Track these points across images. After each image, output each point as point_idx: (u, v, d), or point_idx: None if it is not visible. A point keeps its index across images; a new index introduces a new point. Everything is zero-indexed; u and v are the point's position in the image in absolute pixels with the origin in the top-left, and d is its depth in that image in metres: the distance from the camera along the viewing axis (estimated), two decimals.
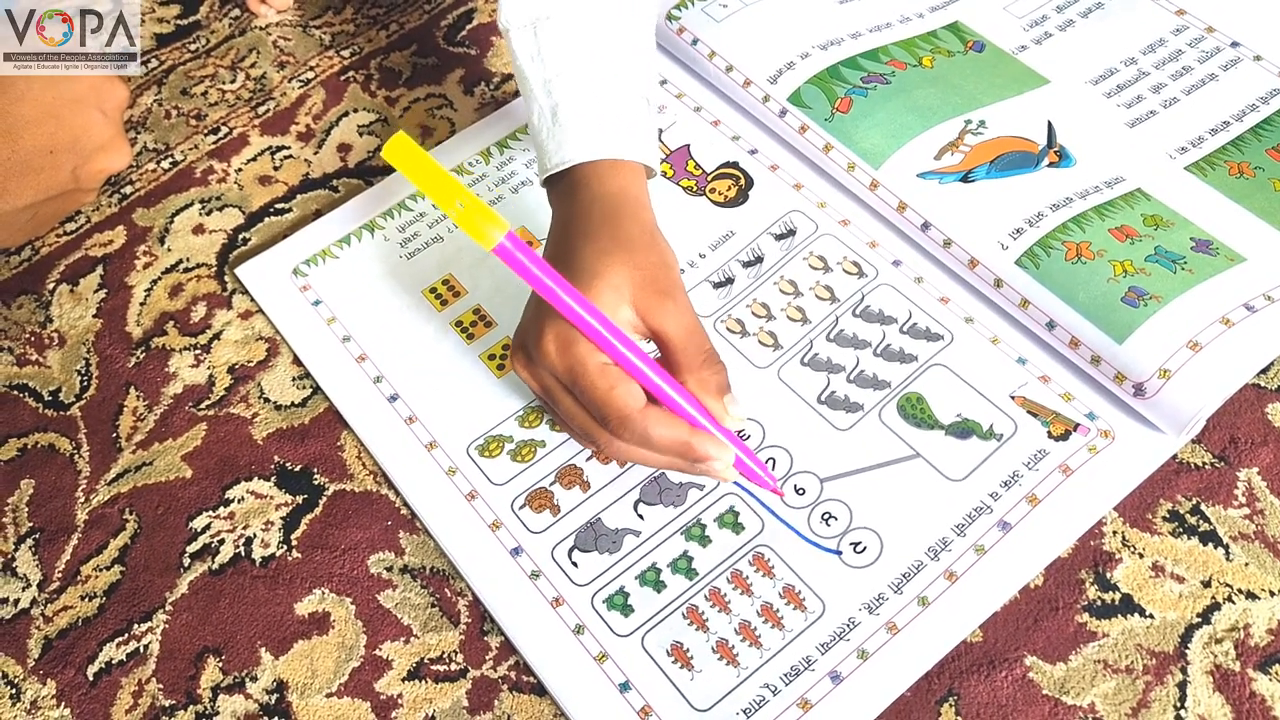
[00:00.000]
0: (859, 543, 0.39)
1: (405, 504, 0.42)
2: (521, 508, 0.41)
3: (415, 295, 0.48)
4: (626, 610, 0.39)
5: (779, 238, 0.47)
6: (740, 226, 0.48)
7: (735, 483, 0.41)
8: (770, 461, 0.41)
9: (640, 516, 0.41)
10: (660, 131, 0.52)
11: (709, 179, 0.50)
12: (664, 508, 0.41)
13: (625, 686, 0.37)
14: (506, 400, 0.44)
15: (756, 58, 0.52)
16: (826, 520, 0.40)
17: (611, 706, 0.37)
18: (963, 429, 0.41)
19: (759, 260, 0.47)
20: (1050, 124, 0.48)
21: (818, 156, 0.49)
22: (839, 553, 0.39)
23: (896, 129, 0.48)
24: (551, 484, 0.42)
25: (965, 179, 0.46)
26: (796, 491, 0.40)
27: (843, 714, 0.36)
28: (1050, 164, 0.47)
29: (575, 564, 0.40)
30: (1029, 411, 0.41)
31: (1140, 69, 0.50)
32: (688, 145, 0.52)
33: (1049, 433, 0.40)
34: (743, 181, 0.50)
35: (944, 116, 0.49)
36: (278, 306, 0.49)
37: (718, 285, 0.47)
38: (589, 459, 0.42)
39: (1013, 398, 0.41)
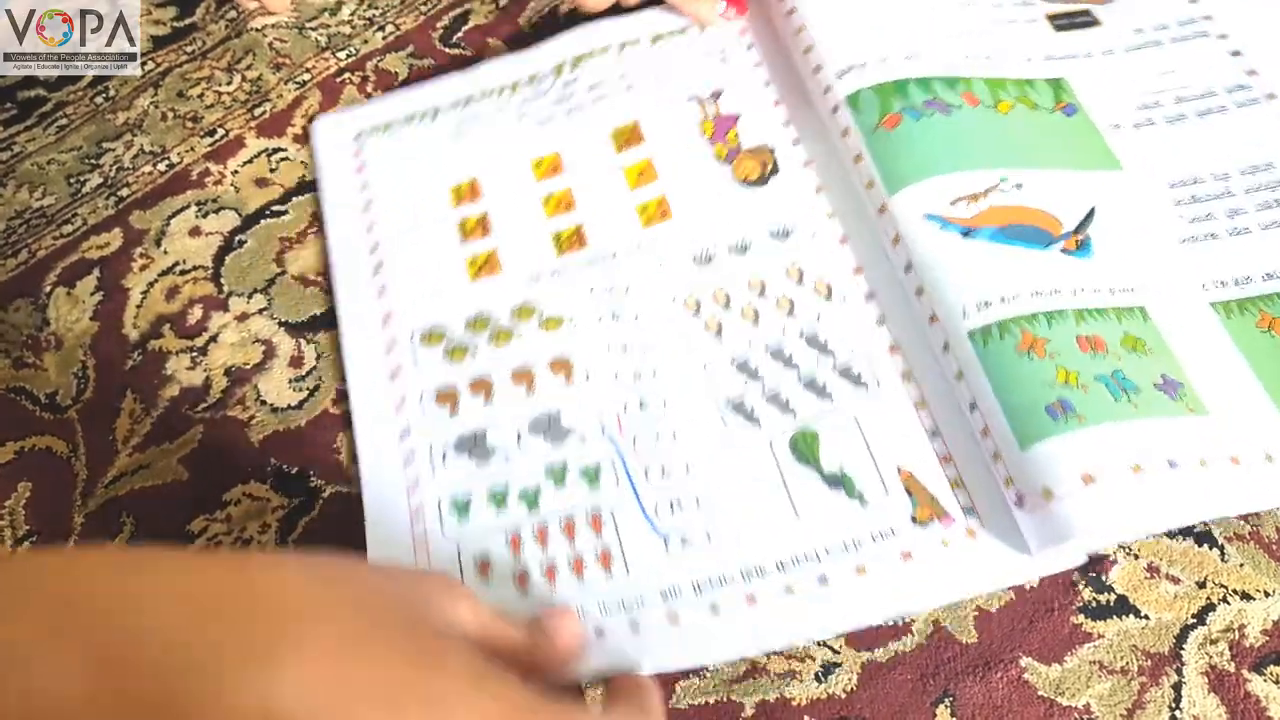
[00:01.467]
0: (687, 539, 0.40)
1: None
2: (429, 399, 0.45)
3: (442, 186, 0.51)
4: (463, 516, 0.42)
5: (774, 235, 0.47)
6: (745, 210, 0.48)
7: (617, 450, 0.43)
8: (655, 435, 0.43)
9: (518, 442, 0.43)
10: (719, 93, 0.52)
11: (740, 153, 0.50)
12: (544, 441, 0.43)
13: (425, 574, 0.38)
14: (466, 303, 0.47)
15: (839, 45, 0.49)
16: (672, 507, 0.41)
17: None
18: (835, 479, 0.40)
19: (744, 250, 0.47)
20: (1093, 210, 0.45)
21: (848, 164, 0.47)
22: (665, 538, 0.40)
23: (926, 162, 0.46)
24: (464, 387, 0.45)
25: (965, 234, 0.44)
26: (662, 474, 0.42)
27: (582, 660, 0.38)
28: (1064, 249, 0.44)
29: (444, 460, 0.43)
30: (907, 489, 0.40)
31: (1229, 188, 0.45)
32: (738, 116, 0.52)
33: (913, 516, 0.39)
34: (770, 168, 0.50)
35: (981, 165, 0.45)
36: (330, 164, 0.53)
37: (696, 260, 0.47)
38: (512, 377, 0.45)
39: (899, 470, 0.40)
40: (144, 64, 0.60)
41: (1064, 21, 0.52)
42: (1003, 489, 0.38)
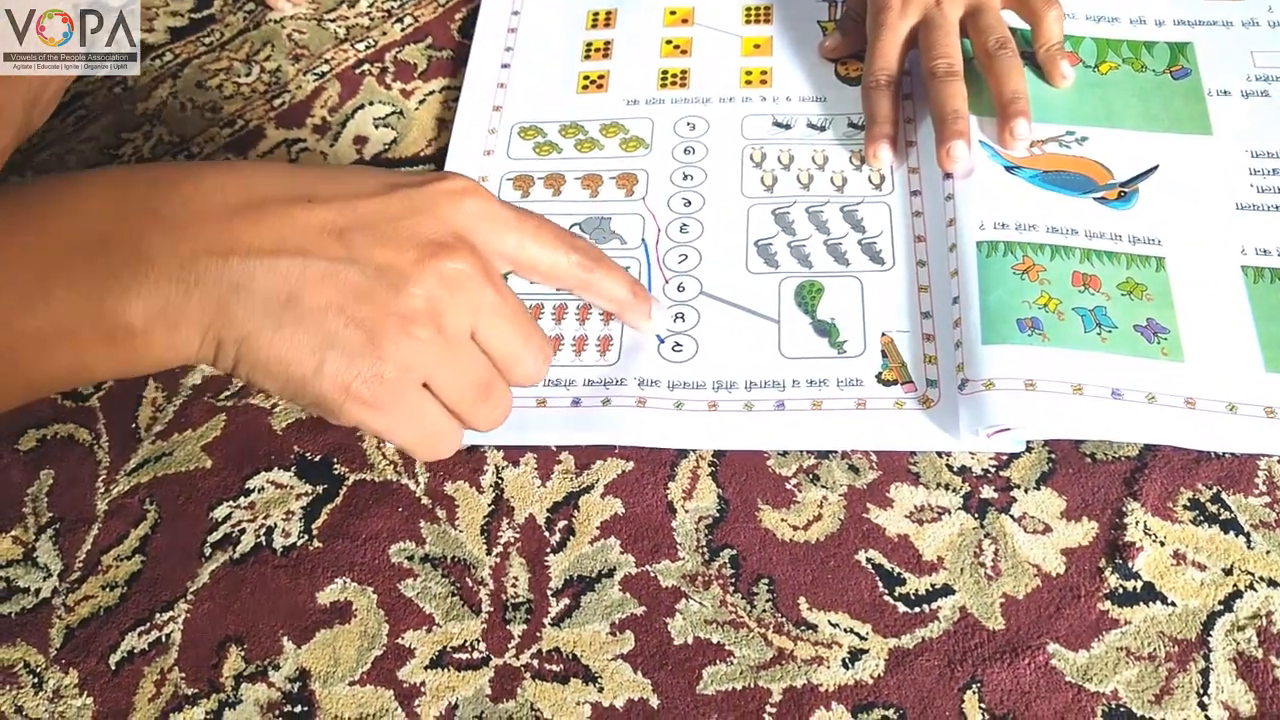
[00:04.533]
0: (680, 345, 0.45)
1: (425, 493, 0.43)
2: (508, 181, 0.51)
3: (583, 9, 0.58)
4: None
5: (851, 125, 0.52)
6: (836, 100, 0.53)
7: (648, 259, 0.48)
8: (683, 256, 0.48)
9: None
10: None
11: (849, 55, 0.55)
12: (590, 237, 0.48)
13: None
14: (566, 111, 0.54)
15: None
16: (675, 318, 0.46)
17: None
18: (822, 328, 0.45)
19: (821, 129, 0.52)
20: (1155, 168, 0.46)
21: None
22: (661, 340, 0.45)
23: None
24: (539, 178, 0.51)
25: (1009, 169, 0.47)
26: (679, 289, 0.47)
27: (554, 422, 0.43)
28: (1102, 199, 0.46)
29: None
30: (883, 351, 0.44)
31: None
32: None
33: (879, 375, 0.43)
34: None
35: (1051, 119, 0.48)
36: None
37: (776, 123, 0.52)
38: (582, 180, 0.51)
39: (883, 334, 0.44)
40: (162, 55, 0.60)
41: None
42: (954, 373, 0.42)
